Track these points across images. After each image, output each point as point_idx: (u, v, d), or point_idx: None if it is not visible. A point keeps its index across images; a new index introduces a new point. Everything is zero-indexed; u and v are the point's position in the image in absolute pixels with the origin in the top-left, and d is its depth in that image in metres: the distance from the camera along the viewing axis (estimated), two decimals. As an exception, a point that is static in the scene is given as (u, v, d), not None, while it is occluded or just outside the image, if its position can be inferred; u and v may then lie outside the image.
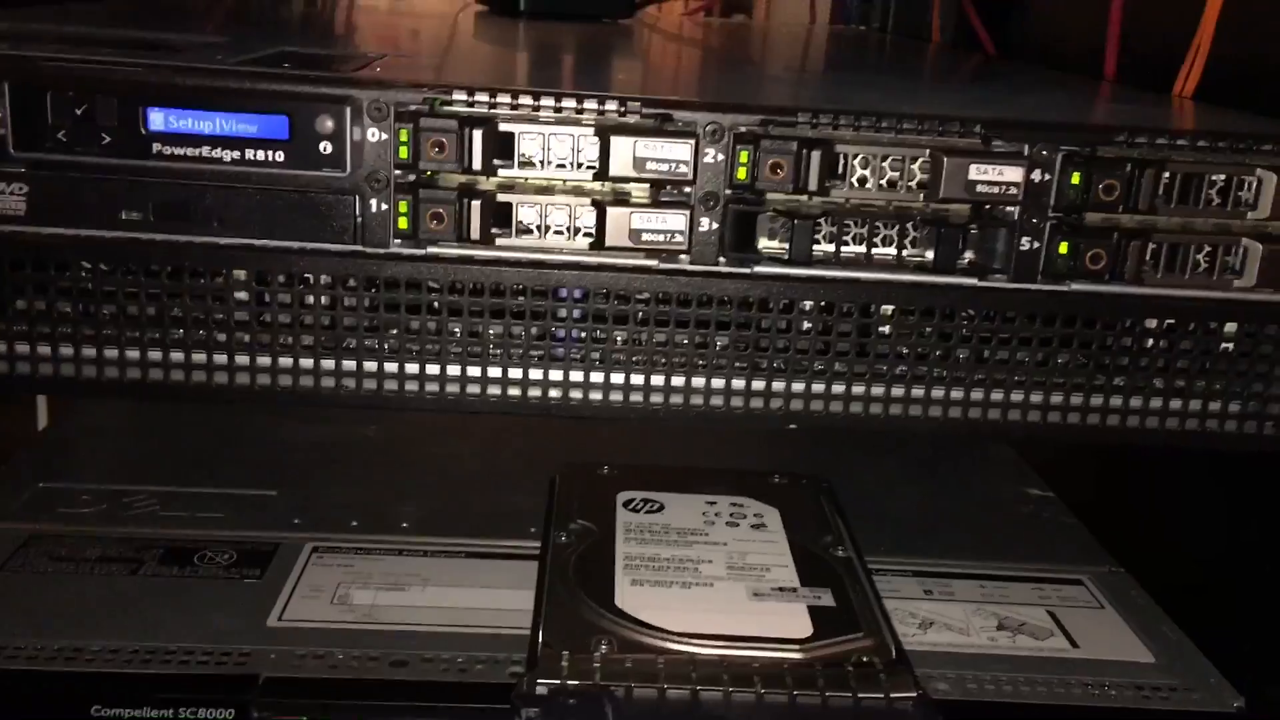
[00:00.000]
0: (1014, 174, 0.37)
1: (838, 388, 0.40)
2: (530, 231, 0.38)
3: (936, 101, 0.46)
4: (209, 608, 0.46)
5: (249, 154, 0.36)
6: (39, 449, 0.61)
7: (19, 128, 0.35)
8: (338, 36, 0.63)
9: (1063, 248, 0.38)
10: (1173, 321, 0.40)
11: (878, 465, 0.63)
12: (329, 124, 0.36)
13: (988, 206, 0.38)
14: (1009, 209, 0.38)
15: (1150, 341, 0.40)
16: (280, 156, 0.36)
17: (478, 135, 0.37)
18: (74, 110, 0.35)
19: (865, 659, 0.40)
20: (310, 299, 0.38)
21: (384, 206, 0.37)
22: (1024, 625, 0.49)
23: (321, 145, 0.36)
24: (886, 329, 0.39)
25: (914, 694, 0.38)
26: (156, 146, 0.35)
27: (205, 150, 0.35)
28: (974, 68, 0.69)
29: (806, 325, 0.39)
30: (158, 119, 0.35)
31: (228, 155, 0.36)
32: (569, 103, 0.37)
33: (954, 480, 0.63)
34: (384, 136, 0.37)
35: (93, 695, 0.41)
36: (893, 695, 0.38)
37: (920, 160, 0.38)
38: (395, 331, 0.39)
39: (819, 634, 0.41)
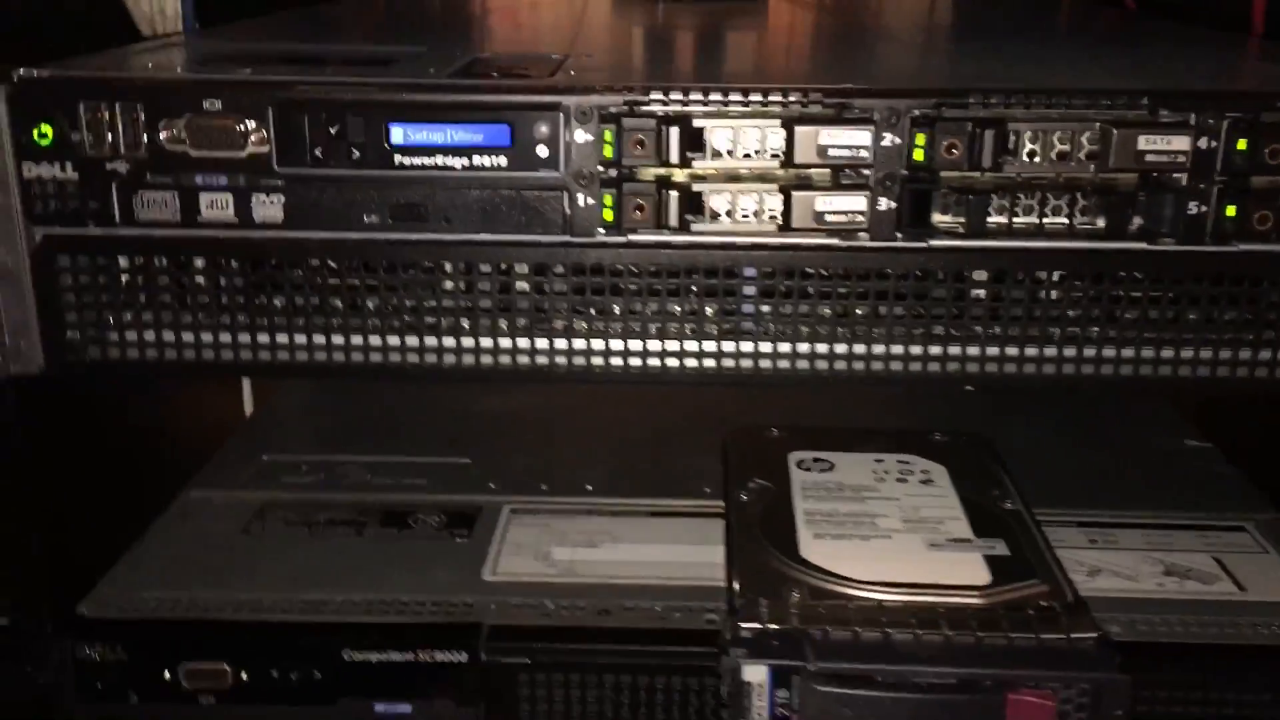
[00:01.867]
0: (1181, 143, 0.39)
1: (1011, 350, 0.43)
2: (721, 216, 0.42)
3: (1098, 71, 0.48)
4: (429, 564, 0.52)
5: (476, 160, 0.40)
6: (256, 426, 0.67)
7: (281, 146, 0.40)
8: (509, 35, 0.67)
9: (1230, 210, 0.40)
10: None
11: (1034, 421, 0.65)
12: (544, 129, 0.40)
13: (1156, 174, 0.40)
14: (1176, 176, 0.40)
15: (1317, 296, 0.41)
16: (503, 161, 0.40)
17: (674, 132, 0.40)
18: (328, 130, 0.39)
19: (1044, 603, 0.43)
20: (524, 285, 0.42)
21: (590, 200, 0.41)
22: (1191, 570, 0.51)
23: (538, 149, 0.40)
24: (1055, 294, 0.42)
25: (1094, 634, 0.41)
26: (398, 158, 0.40)
27: (439, 159, 0.40)
28: (1120, 28, 0.70)
29: (979, 293, 0.42)
30: (399, 134, 0.39)
31: (458, 162, 0.40)
32: (755, 97, 0.41)
33: (1111, 433, 0.65)
34: (590, 138, 0.40)
35: (342, 641, 0.47)
36: (1073, 635, 0.41)
37: (1088, 133, 0.40)
38: (598, 311, 0.43)
39: (997, 581, 0.44)
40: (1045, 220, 0.41)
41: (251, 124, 0.40)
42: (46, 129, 0.40)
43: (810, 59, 0.57)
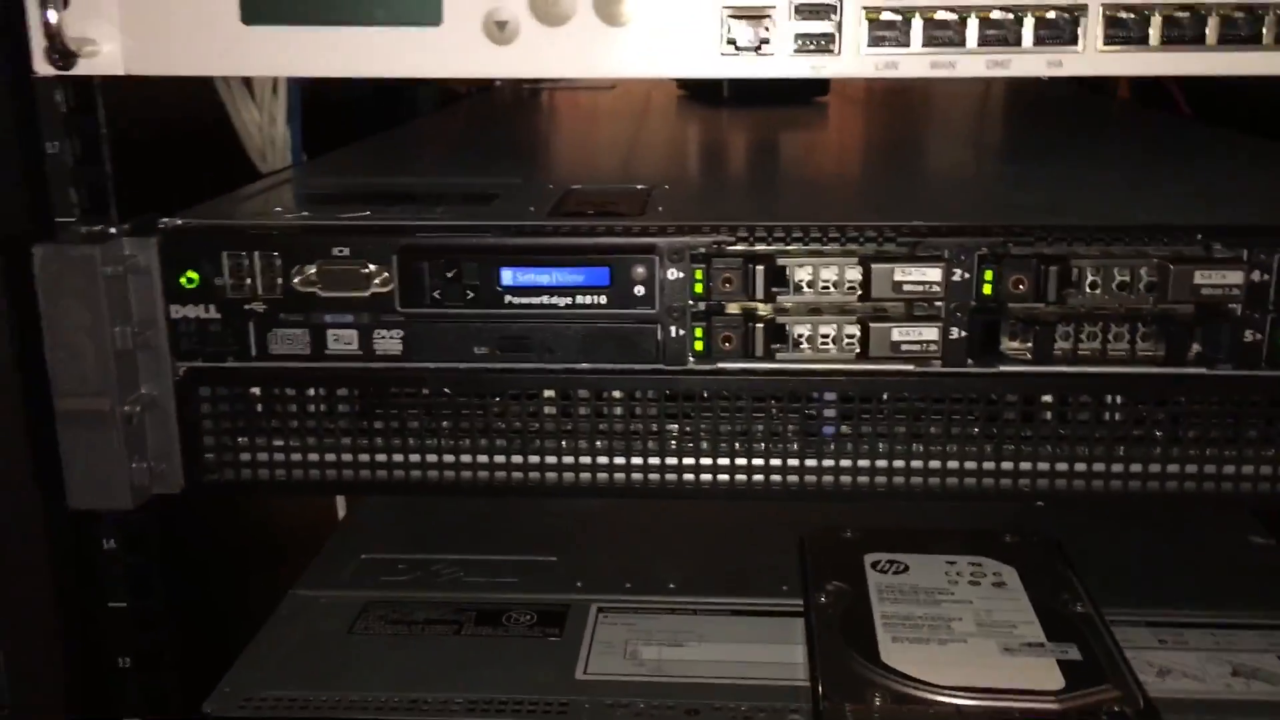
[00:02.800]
0: (1235, 277, 0.42)
1: (1079, 466, 0.45)
2: (803, 344, 0.45)
3: (1155, 200, 0.51)
4: (525, 663, 0.55)
5: (578, 299, 0.44)
6: (353, 527, 0.71)
7: (404, 288, 0.44)
8: (588, 157, 0.72)
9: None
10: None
11: (1101, 518, 0.67)
12: (641, 271, 0.44)
13: (1212, 305, 0.43)
14: (1232, 306, 0.43)
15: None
16: (603, 300, 0.44)
17: (759, 270, 0.44)
18: (446, 274, 0.44)
19: (1117, 708, 0.45)
20: (620, 410, 0.46)
21: (682, 332, 0.45)
22: (1258, 671, 0.52)
23: (635, 289, 0.44)
24: (1119, 415, 0.45)
25: (1167, 740, 0.43)
26: (508, 298, 0.44)
27: (544, 299, 0.44)
28: (1175, 140, 0.73)
29: (1047, 415, 0.45)
30: (508, 276, 0.43)
31: (561, 301, 0.44)
32: (834, 236, 0.44)
33: (1177, 532, 0.67)
34: (682, 275, 0.44)
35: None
36: (1147, 741, 0.43)
37: (1146, 267, 0.43)
38: (687, 432, 0.46)
39: (1070, 686, 0.46)
40: (1108, 347, 0.44)
41: (375, 267, 0.45)
42: (193, 274, 0.45)
43: (878, 183, 0.60)
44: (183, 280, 0.45)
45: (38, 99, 0.45)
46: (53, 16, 0.42)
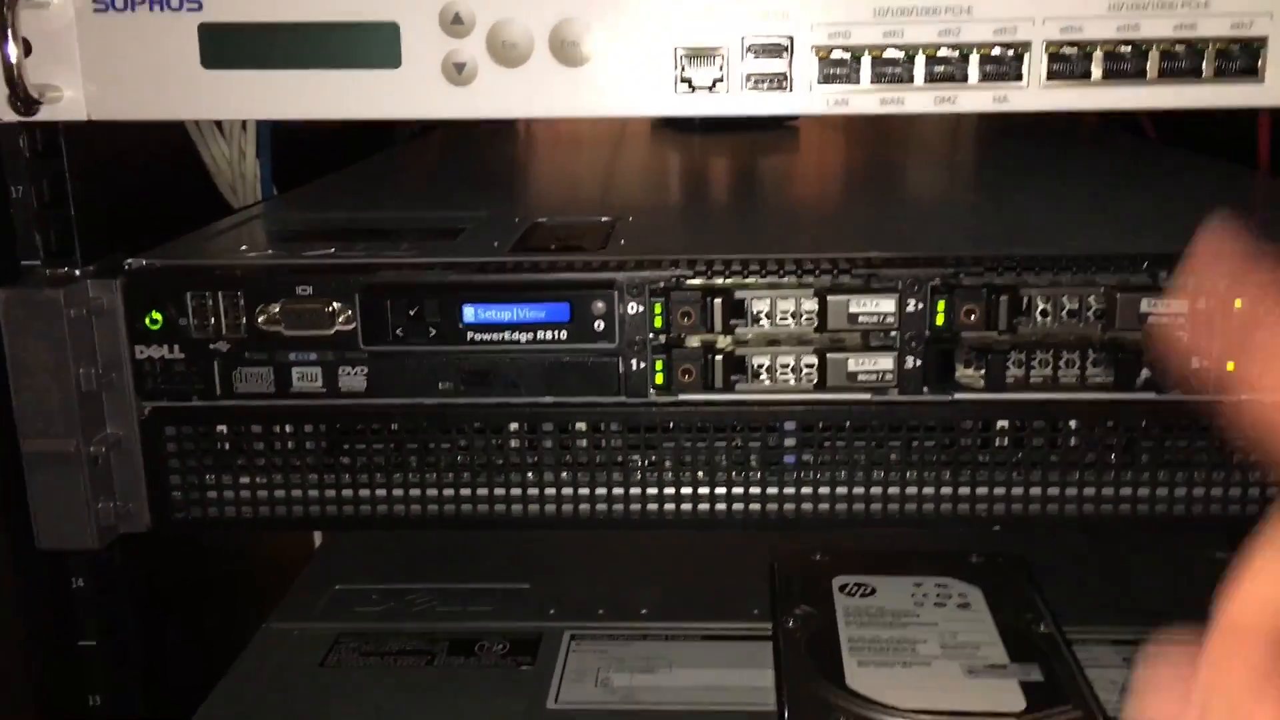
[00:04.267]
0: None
1: (1035, 491, 0.46)
2: (761, 375, 0.46)
3: (1107, 227, 0.52)
4: (497, 694, 0.55)
5: (539, 334, 0.45)
6: (328, 557, 0.71)
7: (366, 327, 0.45)
8: (557, 190, 0.73)
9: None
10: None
11: (1068, 535, 0.68)
12: (600, 306, 0.44)
13: (1159, 332, 0.44)
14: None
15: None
16: (564, 335, 0.45)
17: (717, 304, 0.45)
18: (408, 312, 0.44)
19: (1076, 729, 0.46)
20: (584, 442, 0.47)
21: (642, 365, 0.46)
22: (1219, 689, 0.53)
23: (596, 324, 0.45)
24: (1074, 440, 0.46)
25: (1124, 760, 0.43)
26: (470, 334, 0.44)
27: (506, 335, 0.45)
28: (1135, 161, 0.74)
29: (1003, 441, 0.46)
30: (470, 313, 0.44)
31: (523, 337, 0.45)
32: (790, 269, 0.45)
33: (1141, 547, 0.68)
34: (642, 309, 0.45)
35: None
36: (1105, 761, 0.43)
37: (1094, 295, 0.44)
38: (650, 463, 0.47)
39: (1031, 707, 0.47)
40: (1060, 374, 0.45)
41: (339, 305, 0.45)
42: (157, 315, 0.45)
43: (839, 213, 0.61)
44: (147, 321, 0.45)
45: (1, 144, 0.45)
46: (14, 62, 0.43)
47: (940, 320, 0.44)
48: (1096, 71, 0.43)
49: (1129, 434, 0.45)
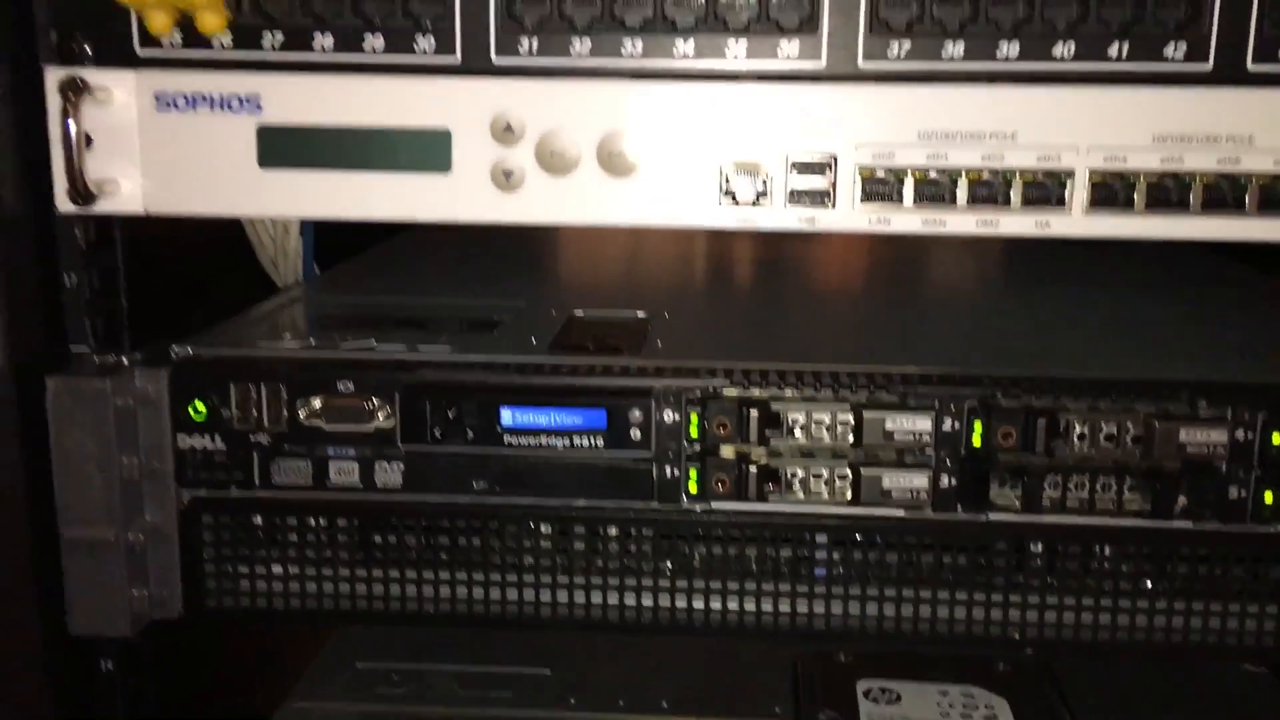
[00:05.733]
0: (1219, 435, 0.43)
1: (1067, 616, 0.46)
2: (795, 487, 0.46)
3: (1142, 355, 0.51)
4: (515, 786, 0.55)
5: (576, 440, 0.45)
6: (349, 635, 0.71)
7: (405, 425, 0.45)
8: (600, 281, 0.73)
9: (1268, 497, 0.43)
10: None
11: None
12: (637, 414, 0.45)
13: (1198, 461, 0.44)
14: (1217, 463, 0.44)
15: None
16: (600, 441, 0.45)
17: (753, 414, 0.45)
18: (446, 412, 0.45)
19: None
20: (615, 546, 0.47)
21: (677, 472, 0.46)
22: (1250, 814, 0.52)
23: (632, 431, 0.45)
24: (1108, 565, 0.45)
25: None
26: (507, 437, 0.45)
27: (542, 439, 0.45)
28: (1181, 277, 0.73)
29: (1037, 563, 0.45)
30: (508, 416, 0.45)
31: (559, 442, 0.45)
32: (827, 384, 0.45)
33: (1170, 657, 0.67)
34: (677, 418, 0.45)
35: None
36: None
37: (1133, 421, 0.44)
38: (679, 569, 0.47)
39: (1058, 831, 0.46)
40: (1096, 498, 0.45)
41: (378, 401, 0.46)
42: (201, 406, 0.46)
43: (877, 319, 0.61)
44: (191, 411, 0.46)
45: (58, 233, 0.46)
46: (75, 155, 0.44)
47: (977, 441, 0.44)
48: (1139, 201, 0.43)
49: (1164, 562, 0.45)
